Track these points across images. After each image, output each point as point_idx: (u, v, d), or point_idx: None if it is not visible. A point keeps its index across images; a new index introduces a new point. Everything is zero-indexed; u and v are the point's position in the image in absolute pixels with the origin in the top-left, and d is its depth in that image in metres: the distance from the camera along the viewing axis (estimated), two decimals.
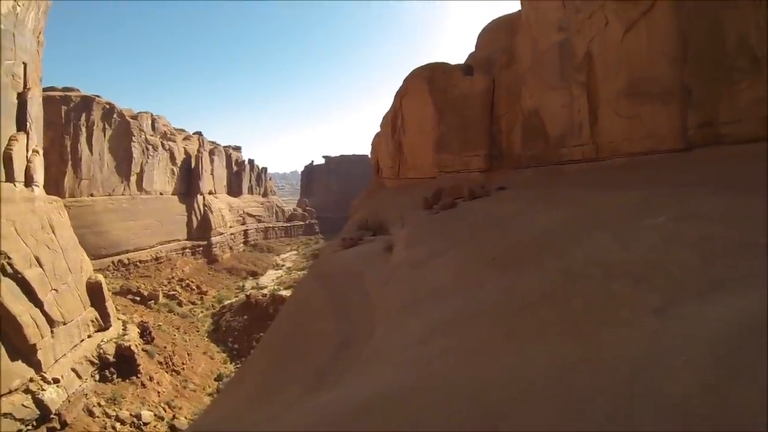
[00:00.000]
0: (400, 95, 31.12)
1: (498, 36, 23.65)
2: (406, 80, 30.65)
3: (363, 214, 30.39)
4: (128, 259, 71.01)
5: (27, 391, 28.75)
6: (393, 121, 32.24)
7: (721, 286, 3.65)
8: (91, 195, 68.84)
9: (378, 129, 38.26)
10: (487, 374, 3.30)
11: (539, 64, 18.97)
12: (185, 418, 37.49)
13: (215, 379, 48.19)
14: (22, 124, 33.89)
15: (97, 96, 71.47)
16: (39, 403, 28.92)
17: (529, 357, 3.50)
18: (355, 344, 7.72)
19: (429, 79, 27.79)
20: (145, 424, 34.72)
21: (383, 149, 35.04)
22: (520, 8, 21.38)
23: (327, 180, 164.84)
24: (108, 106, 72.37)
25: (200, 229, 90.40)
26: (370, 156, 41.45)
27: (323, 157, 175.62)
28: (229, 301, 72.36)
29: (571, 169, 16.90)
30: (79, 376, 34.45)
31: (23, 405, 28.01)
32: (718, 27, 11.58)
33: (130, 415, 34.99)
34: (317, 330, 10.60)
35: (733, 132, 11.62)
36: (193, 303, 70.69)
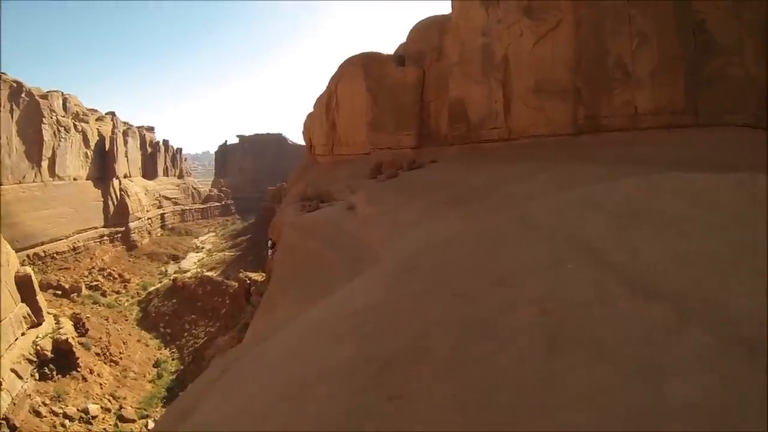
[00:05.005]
0: (336, 79, 34.23)
1: (429, 34, 27.47)
2: (341, 66, 33.83)
3: (300, 187, 33.39)
4: (44, 251, 67.46)
5: None
6: (328, 103, 35.27)
7: (562, 193, 7.63)
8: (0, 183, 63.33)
9: (309, 110, 41.19)
10: (476, 231, 6.99)
11: (465, 61, 22.99)
12: (131, 407, 38.43)
13: (154, 366, 48.80)
14: None
15: (3, 73, 65.71)
16: None
17: (486, 224, 7.22)
18: (364, 262, 10.82)
19: (364, 67, 31.21)
20: (94, 417, 35.24)
21: (317, 128, 37.95)
22: (450, 11, 25.30)
23: (242, 160, 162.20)
24: (15, 85, 66.86)
25: (117, 215, 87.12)
26: (302, 135, 44.16)
27: (237, 136, 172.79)
28: (154, 287, 71.99)
29: (489, 147, 21.13)
30: (20, 377, 33.95)
31: None
32: (604, 48, 16.16)
33: (77, 410, 35.27)
34: (326, 262, 13.49)
35: (609, 123, 16.35)
36: (118, 292, 69.26)
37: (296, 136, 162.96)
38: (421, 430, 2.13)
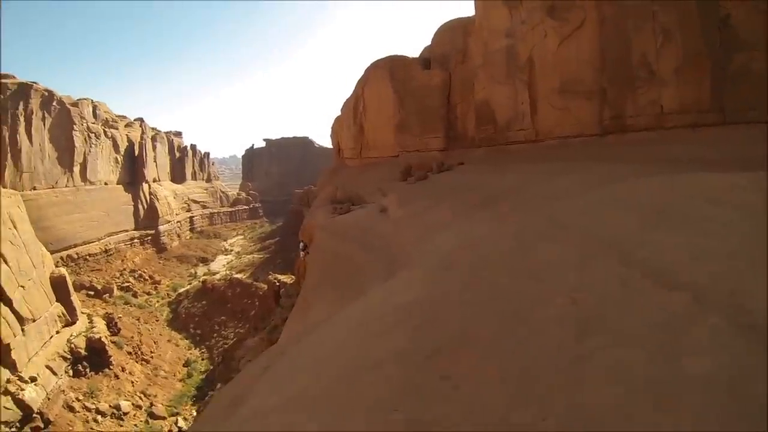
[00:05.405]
0: (362, 83, 34.66)
1: (453, 36, 27.74)
2: (367, 70, 34.22)
3: (329, 190, 33.88)
4: (77, 253, 68.94)
5: (6, 392, 28.82)
6: (355, 107, 35.75)
7: (588, 192, 7.89)
8: (34, 188, 65.30)
9: (336, 114, 41.74)
10: (506, 231, 7.34)
11: (489, 63, 23.17)
12: (162, 404, 39.48)
13: (184, 365, 49.84)
14: None
15: (35, 83, 67.29)
16: (20, 404, 29.30)
17: (515, 224, 7.54)
18: (398, 263, 11.14)
19: (390, 70, 31.55)
20: (125, 414, 36.29)
21: (345, 132, 38.48)
22: (473, 14, 25.51)
23: (268, 164, 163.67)
24: (47, 93, 68.64)
25: (147, 218, 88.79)
26: (330, 138, 44.70)
27: (264, 140, 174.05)
28: (184, 289, 73.18)
29: (516, 148, 21.28)
30: (54, 373, 34.87)
31: (5, 407, 28.14)
32: (628, 46, 16.16)
33: (109, 406, 36.33)
34: (360, 263, 13.76)
35: (635, 123, 16.35)
36: (148, 293, 70.63)
37: (323, 138, 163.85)
38: (471, 403, 2.50)
